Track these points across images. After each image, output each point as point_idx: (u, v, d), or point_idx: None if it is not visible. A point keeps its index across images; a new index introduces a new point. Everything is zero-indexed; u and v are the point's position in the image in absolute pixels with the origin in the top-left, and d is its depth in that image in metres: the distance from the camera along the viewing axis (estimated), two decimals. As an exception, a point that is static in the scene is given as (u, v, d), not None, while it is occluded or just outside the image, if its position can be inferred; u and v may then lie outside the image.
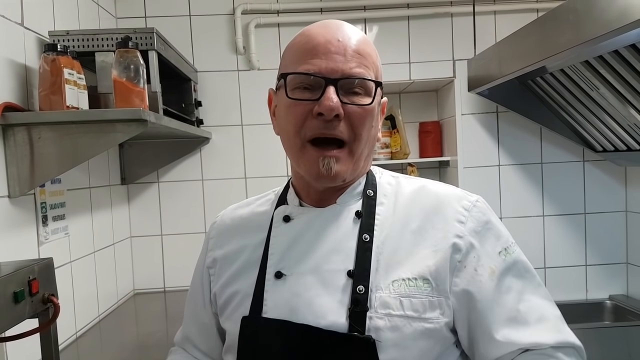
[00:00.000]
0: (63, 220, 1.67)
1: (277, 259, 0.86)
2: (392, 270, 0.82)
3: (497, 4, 2.37)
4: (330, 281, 0.82)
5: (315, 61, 0.81)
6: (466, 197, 0.89)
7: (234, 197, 2.38)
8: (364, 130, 0.83)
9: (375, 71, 0.85)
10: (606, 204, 2.40)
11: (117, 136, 1.42)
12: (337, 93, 0.79)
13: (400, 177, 0.96)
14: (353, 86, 0.81)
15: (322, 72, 0.80)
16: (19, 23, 1.48)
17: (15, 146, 1.40)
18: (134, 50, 1.44)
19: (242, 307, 0.86)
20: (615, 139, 2.01)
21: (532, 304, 0.83)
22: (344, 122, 0.81)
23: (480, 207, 0.88)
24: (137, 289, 2.38)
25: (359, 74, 0.81)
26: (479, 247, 0.84)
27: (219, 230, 0.99)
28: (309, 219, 0.88)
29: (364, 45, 0.84)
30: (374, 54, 0.86)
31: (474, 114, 2.38)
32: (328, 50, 0.81)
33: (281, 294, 0.83)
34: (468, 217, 0.85)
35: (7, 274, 0.99)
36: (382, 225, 0.86)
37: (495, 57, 1.96)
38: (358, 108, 0.81)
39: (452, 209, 0.86)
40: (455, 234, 0.84)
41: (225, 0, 2.35)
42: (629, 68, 1.50)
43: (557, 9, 1.48)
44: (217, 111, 2.36)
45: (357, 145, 0.83)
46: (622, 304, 2.30)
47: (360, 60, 0.82)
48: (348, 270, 0.82)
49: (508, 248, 0.86)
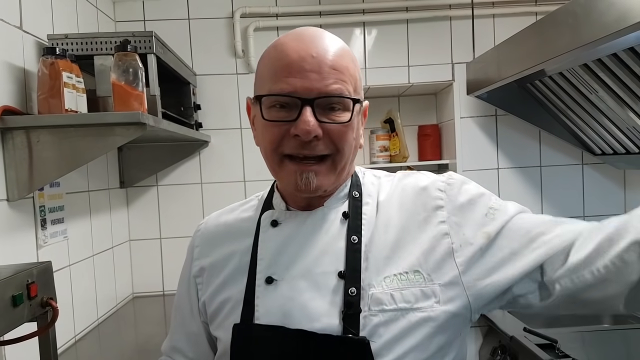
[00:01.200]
0: (62, 223, 1.67)
1: (267, 264, 0.85)
2: (383, 267, 0.82)
3: (495, 8, 2.38)
4: (322, 283, 0.82)
5: (290, 80, 0.78)
6: (438, 179, 0.90)
7: (233, 200, 2.35)
8: (345, 145, 0.82)
9: (354, 83, 0.83)
10: (605, 207, 2.40)
11: (116, 139, 1.42)
12: (314, 113, 0.78)
13: (382, 175, 0.96)
14: (330, 103, 0.80)
15: (298, 91, 0.78)
16: (18, 26, 1.48)
17: (14, 149, 1.40)
18: (132, 54, 1.44)
19: (234, 315, 0.86)
20: (614, 142, 2.01)
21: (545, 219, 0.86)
22: (323, 140, 0.80)
23: (453, 182, 0.88)
24: (136, 292, 2.38)
25: (335, 91, 0.79)
26: (464, 221, 0.84)
27: (203, 238, 0.98)
28: (296, 223, 0.88)
29: (340, 58, 0.81)
30: (351, 65, 0.83)
31: (473, 117, 2.38)
32: (302, 68, 0.78)
33: (273, 299, 0.82)
34: (445, 198, 0.86)
35: (6, 277, 0.99)
36: (369, 225, 0.86)
37: (494, 60, 1.97)
38: (337, 125, 0.80)
39: (428, 197, 0.87)
40: (438, 220, 0.84)
41: (224, 4, 2.35)
42: (627, 71, 1.50)
43: (556, 12, 1.48)
44: (216, 114, 2.36)
45: (339, 158, 0.83)
46: (622, 307, 2.30)
47: (337, 76, 0.79)
48: (339, 271, 0.82)
49: (493, 206, 0.86)
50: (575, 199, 2.41)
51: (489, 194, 0.89)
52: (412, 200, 0.88)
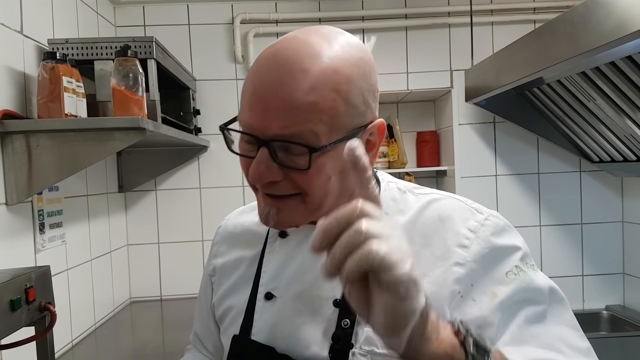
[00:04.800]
0: (60, 227, 1.67)
1: (269, 278, 0.81)
2: None
3: (494, 15, 2.39)
4: (317, 309, 0.75)
5: (250, 114, 0.68)
6: (474, 215, 0.76)
7: (232, 205, 2.36)
8: (313, 188, 0.69)
9: (331, 119, 0.67)
10: (603, 215, 2.41)
11: (116, 144, 1.42)
12: (272, 155, 0.67)
13: (408, 191, 0.83)
14: (289, 146, 0.67)
15: (255, 129, 0.67)
16: (19, 31, 1.48)
17: (13, 154, 1.40)
18: (133, 59, 1.45)
19: (235, 325, 0.83)
20: (612, 149, 2.02)
21: (547, 329, 0.69)
22: (285, 182, 0.69)
23: (489, 225, 0.75)
24: (133, 297, 2.37)
25: (291, 135, 0.66)
26: (482, 272, 0.71)
27: (221, 237, 0.95)
28: (302, 237, 0.81)
29: (307, 93, 0.65)
30: (327, 95, 0.66)
31: (471, 124, 2.39)
32: (264, 102, 0.66)
33: (269, 316, 0.79)
34: (473, 239, 0.73)
35: (4, 282, 0.99)
36: None
37: (492, 67, 1.98)
38: (297, 172, 0.68)
39: (454, 232, 0.75)
40: (455, 261, 0.72)
41: (224, 10, 2.36)
42: (625, 79, 1.51)
43: (554, 20, 1.49)
44: (215, 119, 2.36)
45: (310, 198, 0.70)
46: (619, 315, 2.30)
47: (300, 115, 0.65)
48: (335, 299, 0.74)
49: (521, 266, 0.72)
50: (573, 206, 2.41)
51: (526, 253, 0.75)
52: (436, 229, 0.76)
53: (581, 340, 0.70)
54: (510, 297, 0.69)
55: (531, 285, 0.71)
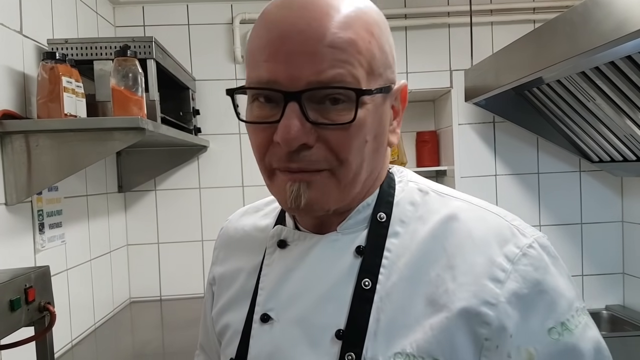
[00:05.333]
0: (60, 227, 1.67)
1: (266, 296, 0.68)
2: (396, 338, 0.59)
3: (494, 15, 2.39)
4: (317, 340, 0.62)
5: (271, 65, 0.57)
6: (516, 237, 0.61)
7: (231, 205, 2.37)
8: (350, 154, 0.59)
9: (368, 62, 0.59)
10: (603, 214, 2.41)
11: (115, 144, 1.42)
12: (302, 111, 0.57)
13: (432, 191, 0.68)
14: (327, 97, 0.57)
15: (279, 81, 0.57)
16: (18, 31, 1.48)
17: (12, 154, 1.40)
18: (132, 59, 1.45)
19: (231, 346, 0.72)
20: (612, 149, 2.02)
21: None
22: (318, 148, 0.59)
23: (534, 256, 0.59)
24: (133, 297, 2.37)
25: (332, 79, 0.56)
26: (519, 322, 0.57)
27: (221, 241, 0.85)
28: (303, 249, 0.68)
29: (344, 28, 0.57)
30: (365, 35, 0.58)
31: (471, 124, 2.39)
32: (287, 49, 0.56)
33: (265, 343, 0.67)
34: (510, 272, 0.58)
35: (4, 282, 0.99)
36: (392, 267, 0.62)
37: (492, 67, 1.98)
38: (336, 128, 0.58)
39: (487, 258, 0.59)
40: (484, 299, 0.57)
41: (223, 10, 2.36)
42: (624, 79, 1.51)
43: (554, 20, 1.49)
44: (215, 119, 2.36)
45: (343, 172, 0.60)
46: (619, 314, 2.30)
47: (337, 56, 0.56)
48: (338, 330, 0.61)
49: (567, 322, 0.58)
50: (573, 206, 2.41)
51: (573, 300, 0.60)
52: (464, 248, 0.61)
53: None
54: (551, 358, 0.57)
55: (577, 348, 0.58)
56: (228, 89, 0.63)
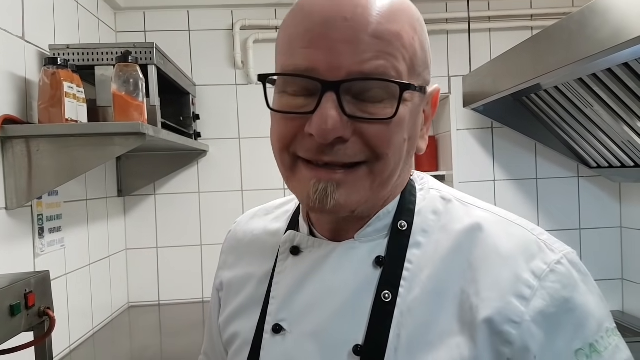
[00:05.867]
0: (59, 232, 1.67)
1: (278, 305, 0.65)
2: (418, 355, 0.56)
3: (492, 22, 2.41)
4: (334, 355, 0.59)
5: (309, 53, 0.54)
6: (544, 253, 0.58)
7: (231, 209, 2.39)
8: (390, 149, 0.56)
9: (410, 59, 0.56)
10: (601, 220, 2.42)
11: (116, 149, 1.43)
12: (340, 103, 0.53)
13: (455, 200, 0.65)
14: (367, 90, 0.54)
15: (318, 69, 0.54)
16: (20, 36, 1.49)
17: (13, 158, 1.40)
18: (133, 65, 1.46)
19: (240, 356, 0.70)
20: (610, 155, 2.03)
21: None
22: (354, 142, 0.56)
23: (563, 273, 0.57)
24: (131, 302, 2.37)
25: (375, 70, 0.53)
26: (544, 342, 0.54)
27: (229, 245, 0.82)
28: (318, 257, 0.64)
29: (389, 20, 0.55)
30: (409, 31, 0.56)
31: (469, 130, 2.40)
32: (328, 35, 0.53)
33: (277, 356, 0.64)
34: (537, 289, 0.55)
35: (4, 287, 0.99)
36: (414, 280, 0.60)
37: (490, 74, 1.99)
38: (375, 123, 0.55)
39: (513, 273, 0.56)
40: (509, 317, 0.54)
41: (224, 16, 2.37)
42: (622, 86, 1.52)
43: (551, 27, 1.50)
44: (214, 124, 2.37)
45: (380, 167, 0.57)
46: (618, 320, 2.28)
47: (382, 48, 0.54)
48: (356, 345, 0.58)
49: (595, 344, 0.56)
50: (571, 212, 2.42)
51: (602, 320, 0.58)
52: (488, 265, 0.58)
53: None
54: None
55: None
56: (260, 74, 0.59)
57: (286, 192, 2.32)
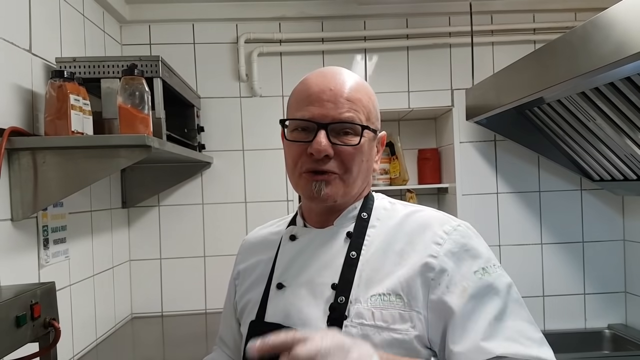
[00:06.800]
0: (64, 243, 1.68)
1: (280, 272, 0.98)
2: (372, 286, 0.90)
3: (494, 36, 2.42)
4: (318, 293, 0.92)
5: (310, 108, 0.92)
6: (450, 221, 0.95)
7: (234, 221, 2.40)
8: (353, 165, 0.93)
9: (367, 113, 0.95)
10: (604, 233, 2.42)
11: (121, 161, 1.44)
12: (327, 136, 0.90)
13: (398, 203, 1.04)
14: (343, 129, 0.92)
15: (315, 117, 0.91)
16: (27, 49, 1.51)
17: (19, 170, 1.41)
18: (139, 78, 1.47)
19: (252, 314, 0.99)
20: (612, 168, 2.04)
21: (508, 325, 0.84)
22: (335, 160, 0.92)
23: (462, 230, 0.93)
24: (135, 313, 2.37)
25: (347, 118, 0.91)
26: (453, 267, 0.88)
27: (244, 248, 1.14)
28: (309, 238, 0.99)
29: (354, 91, 0.94)
30: (365, 97, 0.95)
31: (472, 142, 2.41)
32: (321, 98, 0.92)
33: (279, 302, 0.95)
34: (446, 239, 0.91)
35: (10, 298, 1.00)
36: (370, 245, 0.95)
37: (493, 87, 2.00)
38: (347, 147, 0.92)
39: (432, 232, 0.92)
40: (430, 254, 0.89)
41: (228, 30, 2.40)
42: (624, 100, 1.53)
43: (554, 42, 1.52)
44: (218, 136, 2.38)
45: (348, 176, 0.94)
46: (621, 334, 2.29)
47: (350, 106, 0.92)
48: (333, 283, 0.92)
49: (487, 268, 0.89)
50: (574, 225, 2.42)
51: (490, 257, 0.91)
52: (418, 231, 0.94)
53: (536, 332, 0.86)
54: (477, 293, 0.86)
55: (494, 284, 0.87)
56: (282, 119, 0.98)
57: (289, 204, 2.33)
